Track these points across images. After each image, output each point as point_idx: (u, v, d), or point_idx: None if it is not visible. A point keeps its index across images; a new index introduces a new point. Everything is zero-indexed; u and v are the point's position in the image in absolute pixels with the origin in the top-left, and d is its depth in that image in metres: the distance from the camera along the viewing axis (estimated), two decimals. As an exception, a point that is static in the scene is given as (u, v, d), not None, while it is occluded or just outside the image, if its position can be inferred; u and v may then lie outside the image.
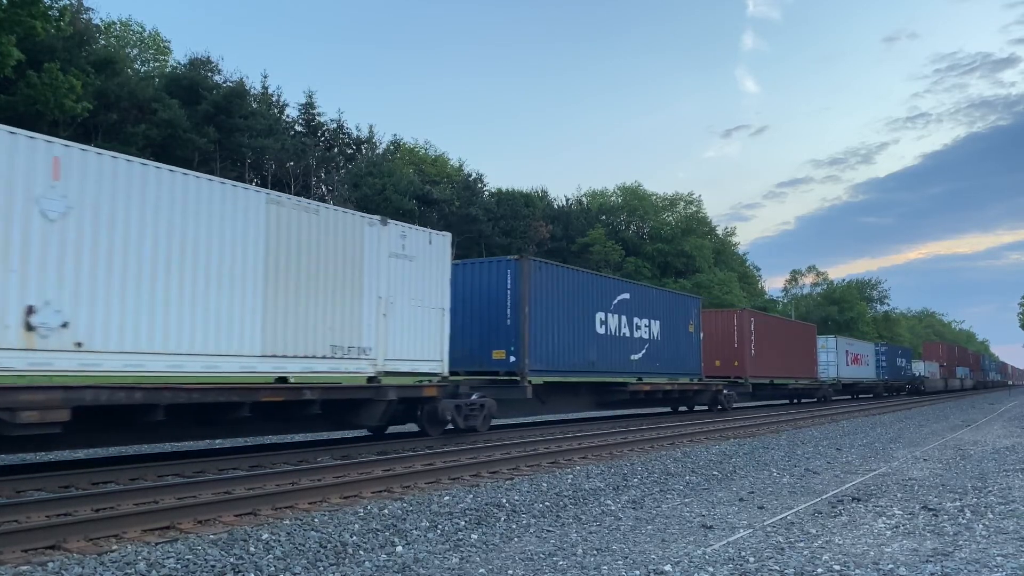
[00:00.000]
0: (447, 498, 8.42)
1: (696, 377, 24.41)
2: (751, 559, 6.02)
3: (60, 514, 7.18)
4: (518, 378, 16.18)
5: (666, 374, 22.41)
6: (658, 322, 22.03)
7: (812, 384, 35.89)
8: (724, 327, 27.94)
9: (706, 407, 25.72)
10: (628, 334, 20.46)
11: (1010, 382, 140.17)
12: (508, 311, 16.50)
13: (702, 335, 25.08)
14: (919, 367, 61.60)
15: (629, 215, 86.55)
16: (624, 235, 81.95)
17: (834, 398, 39.31)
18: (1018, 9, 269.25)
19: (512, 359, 16.26)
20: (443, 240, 14.62)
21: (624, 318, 20.36)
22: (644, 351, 21.20)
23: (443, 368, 14.23)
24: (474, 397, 14.82)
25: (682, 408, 26.24)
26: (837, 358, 39.98)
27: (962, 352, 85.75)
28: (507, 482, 9.74)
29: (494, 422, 16.08)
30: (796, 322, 40.25)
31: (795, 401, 36.29)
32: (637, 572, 5.67)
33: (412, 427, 14.72)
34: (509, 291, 16.52)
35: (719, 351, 27.27)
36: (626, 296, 20.65)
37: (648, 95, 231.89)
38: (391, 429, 15.18)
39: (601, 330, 19.32)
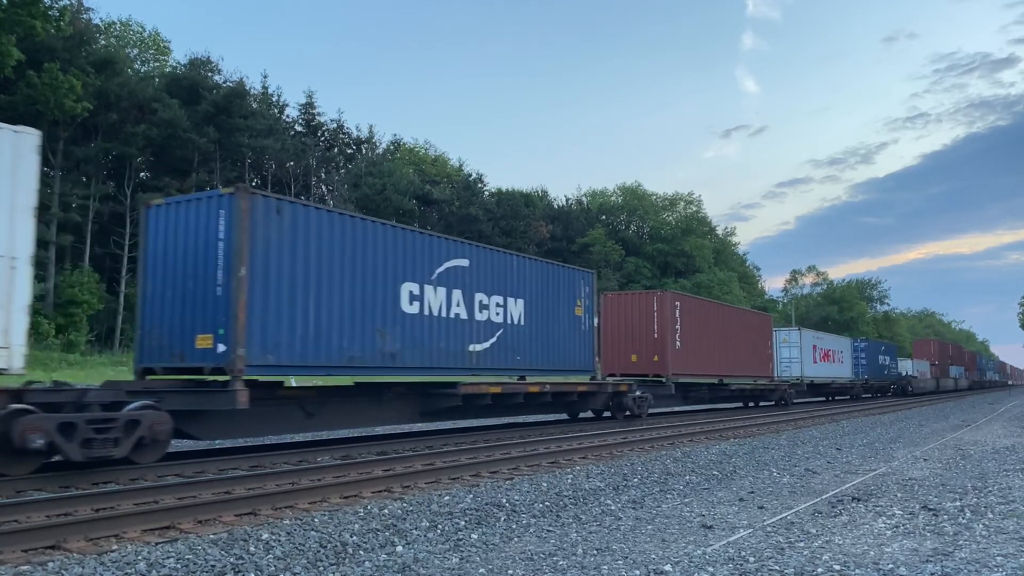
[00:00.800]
0: (447, 498, 8.42)
1: (588, 375, 19.25)
2: (751, 559, 6.02)
3: (60, 514, 7.18)
4: (228, 377, 10.71)
5: (535, 371, 17.09)
6: (521, 301, 16.51)
7: (766, 384, 30.25)
8: (641, 313, 22.82)
9: (606, 413, 20.22)
10: (464, 316, 14.81)
11: (1010, 382, 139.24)
12: (219, 274, 11.02)
13: (597, 321, 20.16)
14: (906, 366, 56.59)
15: (629, 215, 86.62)
16: (624, 235, 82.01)
17: (797, 400, 34.38)
18: (1017, 9, 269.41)
19: (221, 347, 10.79)
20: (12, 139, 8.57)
21: (458, 294, 14.73)
22: (494, 340, 15.62)
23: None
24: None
25: (584, 414, 20.73)
26: (802, 354, 34.37)
27: (956, 350, 79.95)
28: (507, 482, 9.74)
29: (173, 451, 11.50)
30: (743, 310, 33.90)
31: (750, 404, 31.05)
32: (637, 572, 5.67)
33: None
34: (222, 243, 11.06)
35: (636, 343, 22.51)
36: (461, 263, 14.92)
37: (648, 95, 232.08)
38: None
39: (411, 308, 13.68)
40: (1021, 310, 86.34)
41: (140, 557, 5.65)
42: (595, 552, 6.36)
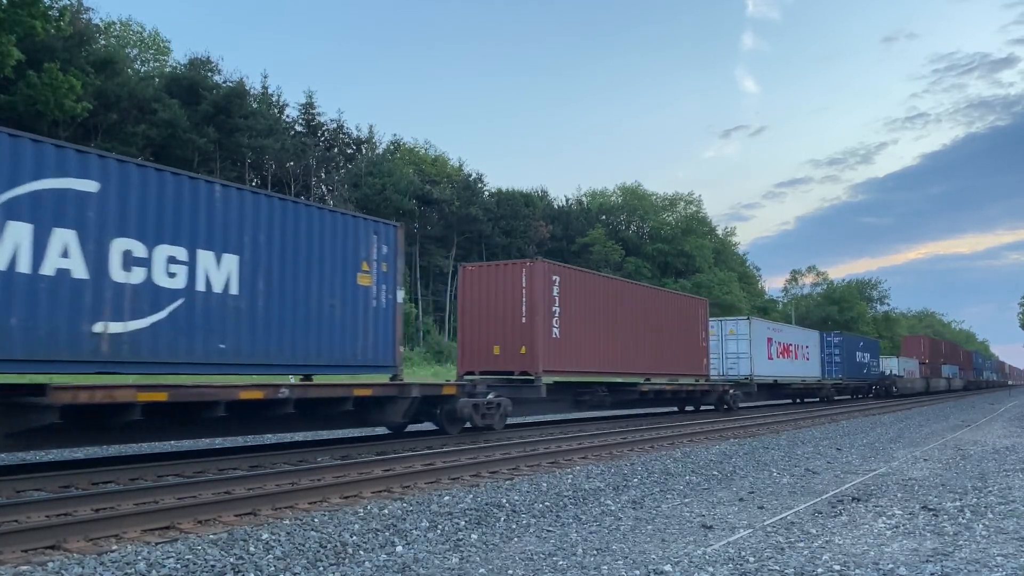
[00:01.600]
0: (447, 498, 8.42)
1: (386, 372, 13.66)
2: (751, 559, 6.02)
3: (60, 514, 7.18)
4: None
5: (264, 365, 11.59)
6: (232, 258, 11.08)
7: (694, 385, 24.50)
8: (507, 292, 17.60)
9: (405, 423, 14.74)
10: (83, 274, 9.28)
11: (1010, 382, 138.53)
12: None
13: (403, 296, 14.11)
14: (891, 364, 51.29)
15: (629, 215, 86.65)
16: (624, 235, 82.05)
17: (746, 404, 28.87)
18: (1016, 9, 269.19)
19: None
20: None
21: (68, 237, 9.19)
22: (162, 316, 10.10)
23: None
24: None
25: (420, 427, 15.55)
26: (752, 348, 28.73)
27: (951, 348, 74.70)
28: (507, 482, 9.74)
29: None
30: (662, 291, 26.25)
31: (685, 409, 26.31)
32: (637, 572, 5.67)
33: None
34: None
35: (500, 331, 17.55)
36: (78, 186, 9.37)
37: (648, 95, 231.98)
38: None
39: None
40: (1021, 310, 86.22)
41: (140, 557, 5.65)
42: (595, 552, 6.36)
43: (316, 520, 7.10)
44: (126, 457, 11.67)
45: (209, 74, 53.54)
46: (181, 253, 10.47)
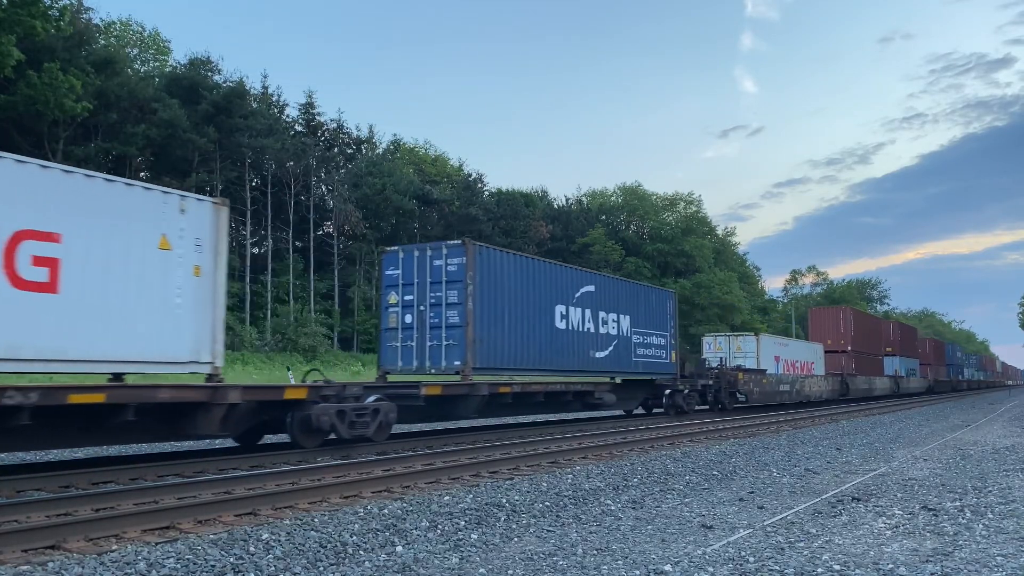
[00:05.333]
0: (447, 498, 8.42)
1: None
2: (751, 559, 6.02)
3: (60, 514, 7.18)
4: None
5: None
6: None
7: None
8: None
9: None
10: None
11: (1010, 382, 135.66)
12: None
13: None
14: (749, 349, 29.25)
15: (629, 215, 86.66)
16: (624, 235, 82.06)
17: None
18: (1013, 10, 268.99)
19: None
20: None
21: None
22: None
23: None
24: None
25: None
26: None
27: (903, 333, 51.19)
28: (507, 482, 9.74)
29: None
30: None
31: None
32: (637, 572, 5.67)
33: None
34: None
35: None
36: None
37: (647, 95, 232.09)
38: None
39: None
40: (1021, 310, 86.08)
41: (140, 557, 5.65)
42: (595, 552, 6.36)
43: (316, 520, 7.10)
44: (126, 457, 11.68)
45: (209, 74, 53.54)
46: None
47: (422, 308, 15.74)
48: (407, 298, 15.94)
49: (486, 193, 71.51)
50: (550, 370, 17.66)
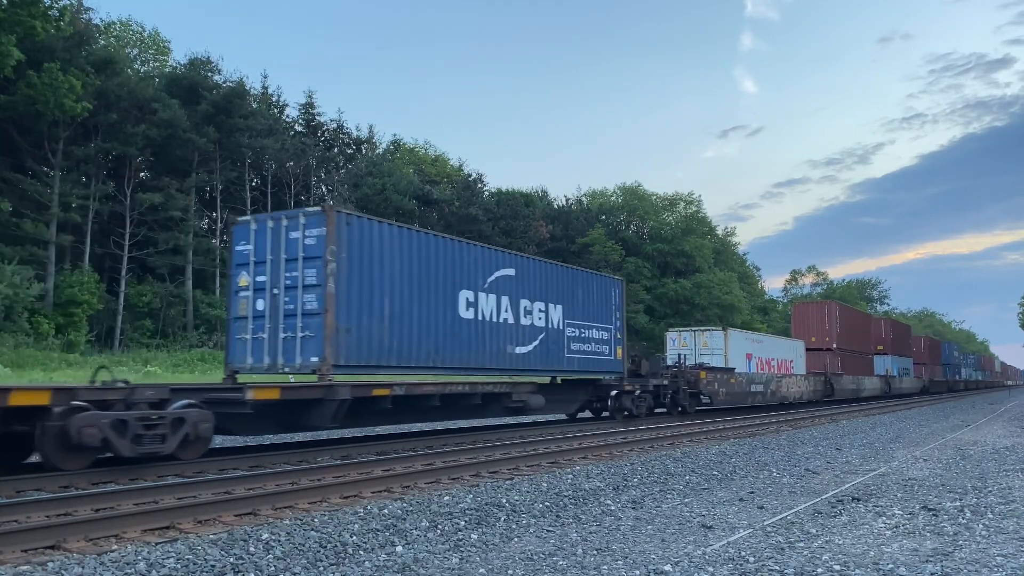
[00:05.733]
0: (447, 498, 8.42)
1: None
2: (751, 559, 6.02)
3: (60, 514, 7.18)
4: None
5: None
6: None
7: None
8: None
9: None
10: None
11: (1010, 382, 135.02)
12: None
13: None
14: (717, 345, 26.58)
15: (629, 215, 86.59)
16: (624, 235, 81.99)
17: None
18: (1012, 10, 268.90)
19: None
20: None
21: None
22: None
23: None
24: None
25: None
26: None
27: (896, 332, 48.88)
28: (507, 482, 9.74)
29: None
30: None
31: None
32: (637, 572, 5.67)
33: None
34: None
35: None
36: None
37: (647, 95, 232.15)
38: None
39: None
40: (1021, 310, 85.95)
41: (140, 557, 5.65)
42: (595, 552, 6.36)
43: (316, 520, 7.10)
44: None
45: (209, 74, 53.48)
46: None
47: (276, 292, 12.73)
48: (259, 279, 13.00)
49: (486, 193, 71.46)
50: (451, 368, 14.65)
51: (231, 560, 5.71)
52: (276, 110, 59.70)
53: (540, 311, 17.33)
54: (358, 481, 9.23)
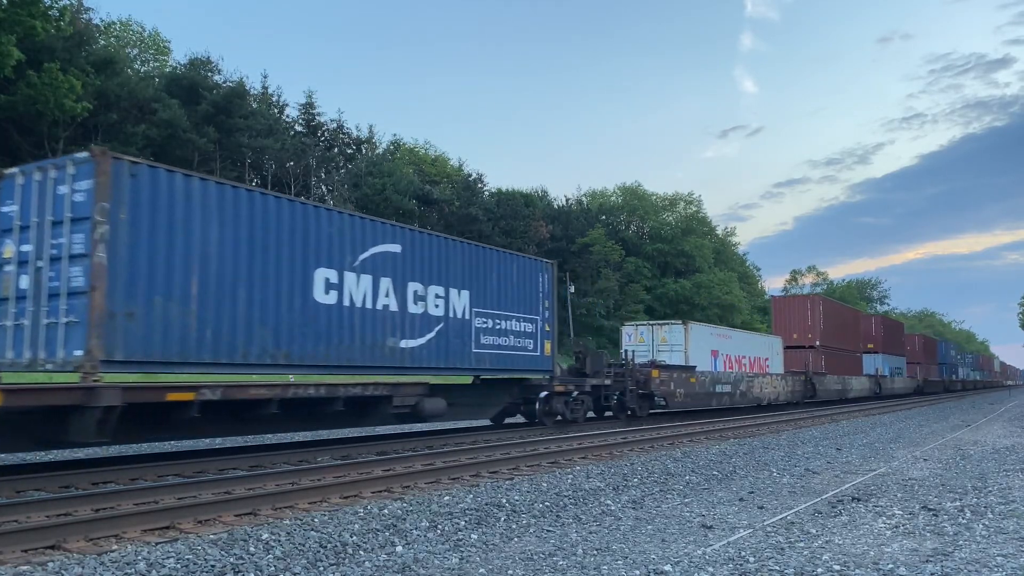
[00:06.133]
0: (447, 498, 8.42)
1: None
2: (751, 559, 6.02)
3: (60, 514, 7.18)
4: None
5: None
6: None
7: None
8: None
9: None
10: None
11: (1009, 382, 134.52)
12: None
13: None
14: (677, 341, 24.03)
15: (629, 215, 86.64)
16: (624, 235, 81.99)
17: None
18: (1012, 10, 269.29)
19: None
20: None
21: None
22: None
23: None
24: None
25: None
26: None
27: (888, 329, 47.18)
28: (507, 482, 9.74)
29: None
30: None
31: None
32: (637, 572, 5.67)
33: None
34: None
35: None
36: None
37: (647, 95, 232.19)
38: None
39: None
40: (1021, 310, 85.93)
41: (140, 557, 5.65)
42: (595, 552, 6.36)
43: (316, 520, 7.10)
44: (126, 457, 11.67)
45: (209, 74, 53.53)
46: None
47: (40, 265, 9.71)
48: (24, 249, 9.93)
49: (486, 193, 71.47)
50: (301, 366, 11.64)
51: (231, 560, 5.71)
52: (276, 110, 59.73)
53: (438, 297, 14.35)
54: (358, 481, 9.23)
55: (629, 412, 20.69)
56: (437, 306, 14.32)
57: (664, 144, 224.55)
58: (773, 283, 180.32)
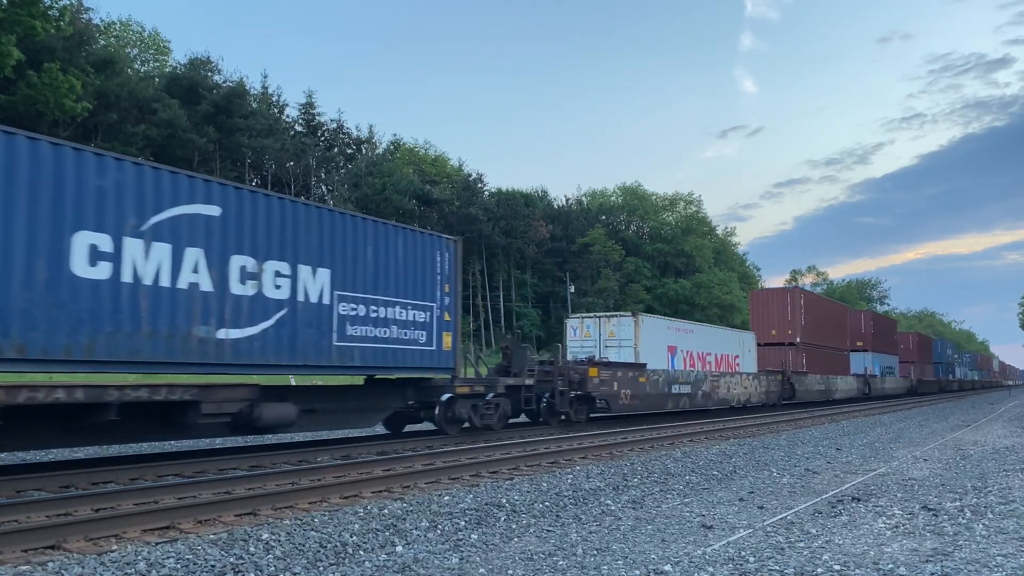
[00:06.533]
0: (447, 498, 8.43)
1: None
2: (751, 559, 6.02)
3: (60, 514, 7.18)
4: None
5: None
6: None
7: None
8: None
9: None
10: None
11: (1009, 382, 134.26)
12: None
13: None
14: (626, 335, 21.30)
15: (629, 215, 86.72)
16: (624, 235, 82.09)
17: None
18: (1011, 10, 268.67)
19: None
20: None
21: None
22: None
23: None
24: None
25: None
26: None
27: (879, 326, 44.48)
28: (507, 482, 9.74)
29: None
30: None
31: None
32: (637, 572, 5.67)
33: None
34: None
35: None
36: None
37: (647, 95, 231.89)
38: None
39: None
40: (1021, 310, 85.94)
41: (140, 557, 5.65)
42: (595, 552, 6.36)
43: (316, 520, 7.10)
44: (126, 457, 11.67)
45: (209, 74, 53.57)
46: None
47: None
48: None
49: (486, 193, 71.52)
50: (44, 360, 8.64)
51: (231, 560, 5.71)
52: (276, 110, 59.78)
53: (280, 275, 11.34)
54: (358, 481, 9.24)
55: (563, 417, 18.19)
56: (279, 287, 11.31)
57: (664, 144, 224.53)
58: (773, 283, 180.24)
